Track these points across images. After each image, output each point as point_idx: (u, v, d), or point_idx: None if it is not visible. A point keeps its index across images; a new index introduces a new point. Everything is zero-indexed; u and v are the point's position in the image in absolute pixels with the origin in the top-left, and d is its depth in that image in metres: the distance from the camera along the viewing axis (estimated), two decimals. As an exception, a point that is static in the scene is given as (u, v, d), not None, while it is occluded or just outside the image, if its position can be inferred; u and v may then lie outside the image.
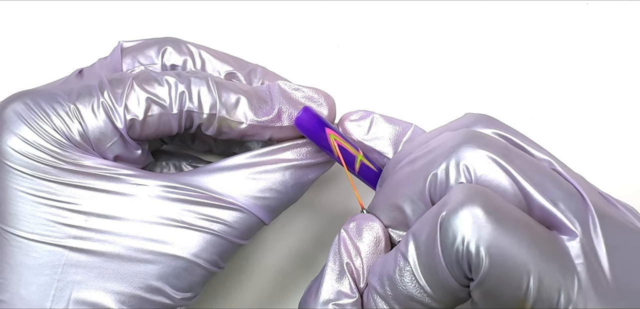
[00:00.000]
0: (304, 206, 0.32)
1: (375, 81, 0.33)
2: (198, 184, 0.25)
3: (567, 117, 0.32)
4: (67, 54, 0.33)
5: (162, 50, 0.27)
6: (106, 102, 0.24)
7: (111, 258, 0.23)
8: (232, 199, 0.25)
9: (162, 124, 0.24)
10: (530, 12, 0.33)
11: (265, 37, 0.33)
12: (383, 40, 0.33)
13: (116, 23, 0.33)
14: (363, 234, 0.24)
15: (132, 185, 0.24)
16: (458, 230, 0.19)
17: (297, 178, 0.26)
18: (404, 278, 0.21)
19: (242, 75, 0.27)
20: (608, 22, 0.33)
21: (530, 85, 0.33)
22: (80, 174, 0.23)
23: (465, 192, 0.20)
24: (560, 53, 0.33)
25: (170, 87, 0.24)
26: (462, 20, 0.33)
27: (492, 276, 0.19)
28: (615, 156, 0.32)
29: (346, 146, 0.25)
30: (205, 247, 0.24)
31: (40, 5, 0.33)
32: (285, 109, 0.25)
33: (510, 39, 0.33)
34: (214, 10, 0.33)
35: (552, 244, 0.20)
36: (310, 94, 0.26)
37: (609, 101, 0.32)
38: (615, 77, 0.33)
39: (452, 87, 0.33)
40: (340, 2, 0.33)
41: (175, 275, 0.24)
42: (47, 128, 0.23)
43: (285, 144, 0.26)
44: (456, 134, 0.22)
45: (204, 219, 0.24)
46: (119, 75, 0.25)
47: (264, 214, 0.25)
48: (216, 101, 0.25)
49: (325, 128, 0.25)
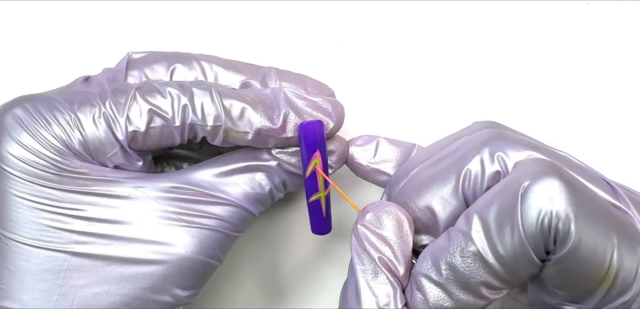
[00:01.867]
0: (299, 203, 0.32)
1: (375, 80, 0.33)
2: (191, 181, 0.25)
3: (567, 117, 0.32)
4: (72, 58, 0.33)
5: (171, 67, 0.26)
6: (108, 112, 0.24)
7: (114, 261, 0.23)
8: (225, 194, 0.25)
9: (164, 136, 0.24)
10: (530, 12, 0.33)
11: (266, 37, 0.33)
12: (383, 40, 0.33)
13: (121, 25, 0.33)
14: (383, 221, 0.23)
15: (131, 188, 0.24)
16: (544, 200, 0.19)
17: (283, 178, 0.26)
18: (466, 259, 0.20)
19: (256, 82, 0.27)
20: (608, 22, 0.33)
21: (531, 85, 0.33)
22: (81, 180, 0.23)
23: (540, 165, 0.20)
24: (560, 53, 0.33)
25: (172, 100, 0.24)
26: (462, 20, 0.33)
27: (580, 248, 0.19)
28: (616, 156, 0.32)
29: (319, 178, 0.25)
30: (206, 243, 0.24)
31: (45, 9, 0.33)
32: (291, 119, 0.25)
33: (510, 39, 0.33)
34: (214, 11, 0.33)
35: (625, 220, 0.20)
36: (319, 103, 0.26)
37: (609, 101, 0.32)
38: (616, 77, 0.33)
39: (452, 87, 0.33)
40: (340, 2, 0.33)
41: (180, 274, 0.24)
42: (47, 136, 0.23)
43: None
44: (482, 132, 0.22)
45: (202, 216, 0.24)
46: (122, 86, 0.25)
47: (254, 207, 0.26)
48: (220, 112, 0.24)
49: (316, 150, 0.25)
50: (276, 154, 0.26)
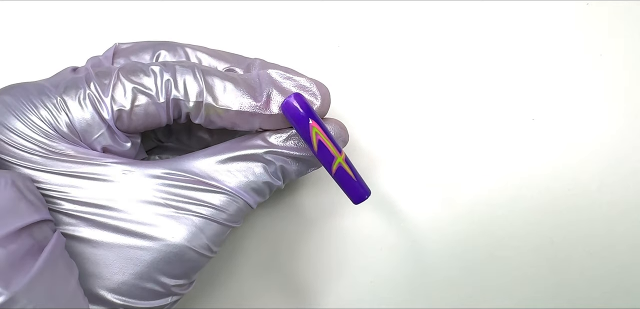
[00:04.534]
0: (298, 197, 0.32)
1: (375, 80, 0.33)
2: (184, 168, 0.25)
3: (567, 118, 0.32)
4: (64, 54, 0.33)
5: (156, 53, 0.26)
6: (93, 93, 0.24)
7: (101, 246, 0.23)
8: (218, 182, 0.25)
9: (149, 114, 0.24)
10: (530, 12, 0.33)
11: (265, 37, 0.33)
12: (383, 40, 0.33)
13: (113, 23, 0.33)
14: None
15: (119, 172, 0.24)
16: None
17: (281, 165, 0.25)
18: None
19: (240, 70, 0.26)
20: (608, 22, 0.33)
21: (531, 85, 0.33)
22: (67, 163, 0.23)
23: None
24: (561, 53, 0.33)
25: (155, 76, 0.24)
26: (462, 20, 0.33)
27: None
28: (616, 156, 0.32)
29: (327, 144, 0.24)
30: (195, 232, 0.24)
31: (38, 7, 0.33)
32: (274, 97, 0.25)
33: (510, 39, 0.33)
34: (213, 10, 0.33)
35: None
36: (303, 82, 0.25)
37: (609, 101, 0.32)
38: (615, 77, 0.33)
39: (452, 87, 0.33)
40: (340, 2, 0.33)
41: (167, 261, 0.24)
42: (35, 119, 0.23)
43: (273, 130, 0.25)
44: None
45: (193, 204, 0.24)
46: (105, 68, 0.25)
47: (250, 198, 0.25)
48: (202, 88, 0.24)
49: (309, 119, 0.24)
50: (271, 140, 0.25)
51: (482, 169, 0.32)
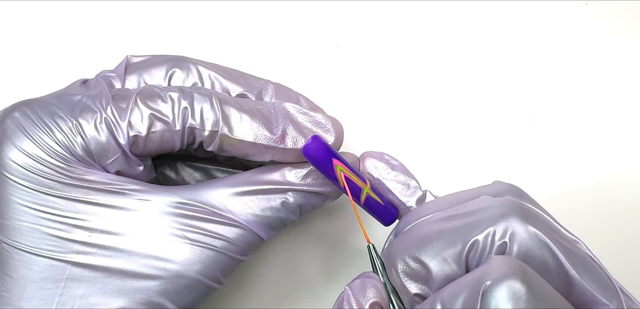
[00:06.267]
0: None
1: (375, 81, 0.33)
2: (201, 199, 0.24)
3: (567, 118, 0.32)
4: (69, 58, 0.32)
5: (169, 73, 0.26)
6: (109, 118, 0.24)
7: (114, 274, 0.23)
8: (234, 215, 0.25)
9: (164, 140, 0.24)
10: (530, 12, 0.33)
11: (265, 37, 0.33)
12: (383, 40, 0.33)
13: (120, 27, 0.33)
14: (367, 291, 0.23)
15: (136, 200, 0.24)
16: (500, 302, 0.19)
17: (299, 201, 0.26)
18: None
19: (253, 96, 0.26)
20: (608, 22, 0.33)
21: (530, 85, 0.33)
22: (84, 189, 0.23)
23: (508, 265, 0.20)
24: (561, 53, 0.33)
25: (173, 103, 0.24)
26: (462, 20, 0.33)
27: None
28: (616, 156, 0.32)
29: (353, 178, 0.25)
30: (207, 263, 0.24)
31: (44, 10, 0.33)
32: (289, 132, 0.25)
33: (510, 39, 0.33)
34: (213, 10, 0.33)
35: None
36: (319, 119, 0.26)
37: (609, 101, 0.32)
38: (615, 77, 0.33)
39: (452, 87, 0.33)
40: (340, 2, 0.33)
41: (177, 291, 0.24)
42: (50, 142, 0.23)
43: (291, 165, 0.26)
44: (503, 202, 0.22)
45: (206, 235, 0.24)
46: (122, 91, 0.25)
47: (264, 232, 0.25)
48: (219, 118, 0.24)
49: (332, 159, 0.25)
50: (290, 178, 0.25)
51: (481, 169, 0.32)
